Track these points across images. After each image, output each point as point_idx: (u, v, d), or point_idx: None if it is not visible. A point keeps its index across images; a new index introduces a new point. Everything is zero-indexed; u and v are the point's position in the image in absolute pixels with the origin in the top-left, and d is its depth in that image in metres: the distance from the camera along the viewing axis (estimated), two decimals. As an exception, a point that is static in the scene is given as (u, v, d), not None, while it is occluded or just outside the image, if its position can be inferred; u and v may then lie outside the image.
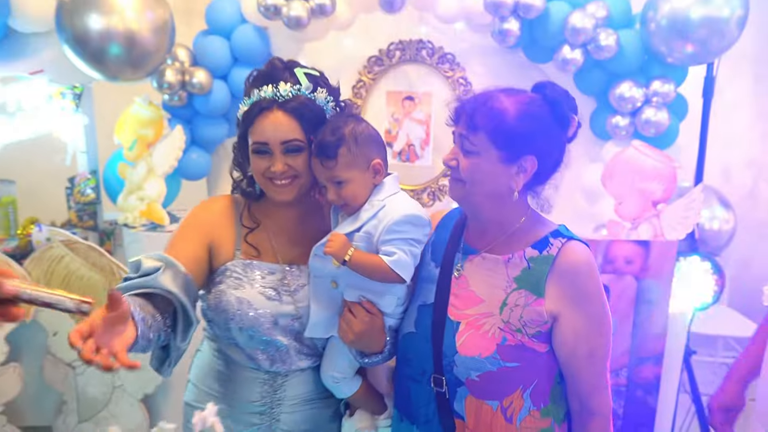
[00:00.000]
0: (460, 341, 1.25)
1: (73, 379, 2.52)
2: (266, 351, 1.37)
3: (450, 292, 1.30)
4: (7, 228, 2.81)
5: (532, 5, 2.13)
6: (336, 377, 1.38)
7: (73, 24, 1.98)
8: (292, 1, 2.20)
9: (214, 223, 1.38)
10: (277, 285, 1.35)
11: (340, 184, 1.28)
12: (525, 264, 1.25)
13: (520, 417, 1.26)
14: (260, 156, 1.31)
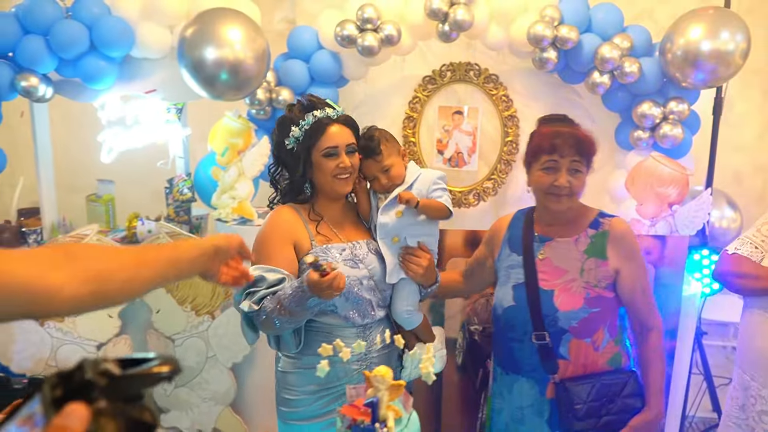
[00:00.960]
0: (558, 302, 1.80)
1: (172, 350, 2.90)
2: (357, 308, 1.79)
3: (536, 271, 1.84)
4: (107, 222, 3.25)
5: (568, 38, 2.52)
6: (410, 310, 1.85)
7: (192, 54, 2.41)
8: (366, 32, 2.62)
9: (290, 228, 1.79)
10: (351, 257, 1.79)
11: (388, 171, 1.81)
12: (589, 240, 1.84)
13: (602, 346, 1.79)
14: (331, 158, 1.76)
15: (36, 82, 2.57)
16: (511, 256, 1.93)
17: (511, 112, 2.93)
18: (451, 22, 2.58)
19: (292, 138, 1.77)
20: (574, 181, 1.80)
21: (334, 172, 1.77)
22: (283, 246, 1.76)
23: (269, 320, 1.64)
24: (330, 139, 1.76)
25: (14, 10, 2.55)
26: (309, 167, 1.79)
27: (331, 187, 1.80)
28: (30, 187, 3.43)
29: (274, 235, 1.78)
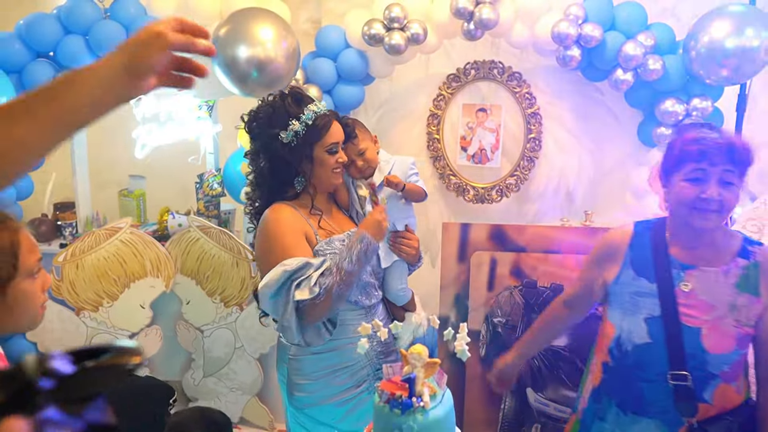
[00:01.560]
0: (707, 343, 1.56)
1: (201, 341, 3.01)
2: (365, 292, 1.90)
3: (677, 303, 1.59)
4: (138, 216, 3.35)
5: (592, 36, 2.56)
6: (403, 287, 1.98)
7: (225, 53, 2.49)
8: (392, 31, 2.68)
9: (297, 223, 1.80)
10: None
11: (363, 154, 1.95)
12: (740, 272, 1.59)
13: (740, 387, 1.65)
14: (333, 154, 1.85)
15: (75, 80, 2.66)
16: (638, 282, 1.67)
17: (534, 109, 2.97)
18: (477, 21, 2.63)
19: (290, 132, 1.76)
20: (726, 195, 1.53)
21: (334, 167, 1.85)
22: (300, 239, 1.77)
23: (328, 298, 1.67)
24: (334, 136, 1.84)
25: (55, 11, 2.66)
26: (308, 162, 1.81)
27: (329, 181, 1.88)
28: (62, 182, 3.55)
29: (288, 230, 1.76)
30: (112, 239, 2.85)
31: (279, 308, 1.71)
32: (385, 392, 1.15)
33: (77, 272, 2.84)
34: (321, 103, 1.90)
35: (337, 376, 1.88)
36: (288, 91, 1.89)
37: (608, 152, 3.02)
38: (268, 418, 3.03)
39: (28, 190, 2.91)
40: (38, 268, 1.28)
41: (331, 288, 1.67)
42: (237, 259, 2.90)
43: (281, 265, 1.68)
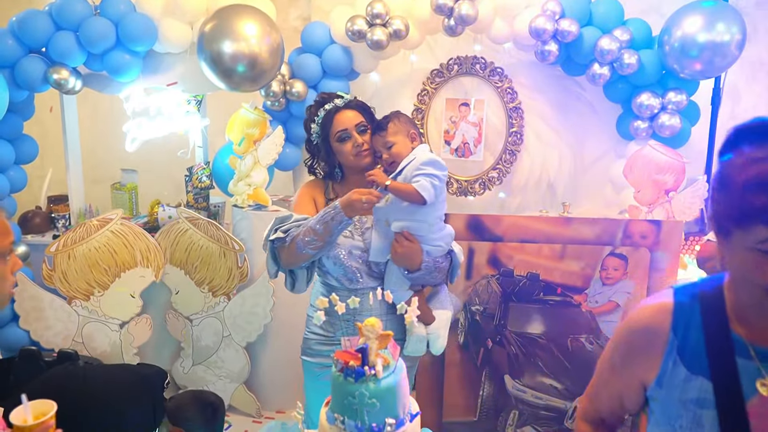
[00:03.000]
0: None
1: (190, 330, 3.07)
2: (346, 274, 1.96)
3: (748, 415, 1.02)
4: (130, 209, 3.43)
5: (569, 31, 2.62)
6: (392, 289, 1.90)
7: (210, 48, 2.56)
8: (375, 27, 2.75)
9: (315, 192, 2.07)
10: (352, 228, 1.95)
11: (390, 147, 1.92)
12: None
13: None
14: (344, 141, 1.95)
15: (66, 74, 2.75)
16: (695, 382, 1.08)
17: (515, 103, 3.03)
18: (457, 17, 2.70)
19: (314, 134, 2.02)
20: None
21: (353, 151, 1.96)
22: (308, 202, 2.05)
23: (292, 245, 1.87)
24: (339, 124, 1.96)
25: (47, 8, 2.74)
26: (331, 153, 2.01)
27: (353, 163, 1.99)
28: (58, 177, 3.63)
29: (302, 196, 2.07)
30: (103, 230, 2.92)
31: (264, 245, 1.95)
32: (340, 361, 1.22)
33: (69, 262, 2.91)
34: (342, 99, 2.00)
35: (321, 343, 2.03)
36: (318, 97, 2.05)
37: (588, 145, 3.08)
38: (255, 406, 3.10)
39: (21, 183, 2.98)
40: (9, 250, 1.33)
41: (296, 237, 1.87)
42: (224, 249, 2.97)
43: (276, 216, 1.95)
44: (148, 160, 3.43)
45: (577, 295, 2.53)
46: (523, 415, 2.63)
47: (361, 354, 1.22)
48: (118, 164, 3.48)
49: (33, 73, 2.69)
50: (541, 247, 2.50)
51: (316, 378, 2.03)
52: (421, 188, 1.80)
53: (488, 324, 2.58)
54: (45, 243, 2.98)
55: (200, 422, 2.28)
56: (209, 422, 2.32)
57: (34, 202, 3.62)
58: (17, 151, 2.91)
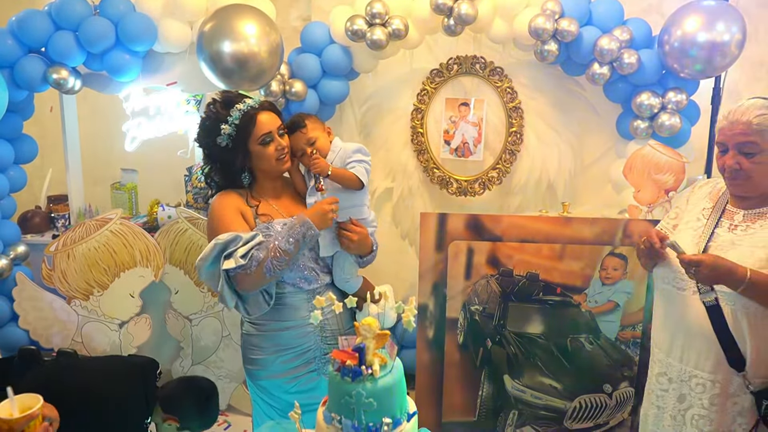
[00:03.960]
0: None
1: (189, 330, 3.08)
2: (302, 276, 1.96)
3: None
4: (130, 208, 3.44)
5: (568, 31, 2.62)
6: (347, 278, 1.96)
7: (210, 48, 2.56)
8: (374, 27, 2.75)
9: (237, 203, 1.94)
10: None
11: (313, 143, 1.97)
12: None
13: None
14: (268, 145, 1.90)
15: (66, 74, 2.75)
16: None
17: (515, 103, 3.03)
18: (456, 17, 2.69)
19: (224, 136, 1.89)
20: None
21: (275, 155, 1.92)
22: (236, 215, 1.91)
23: (259, 271, 1.78)
24: (262, 127, 1.91)
25: (47, 8, 2.74)
26: (247, 157, 1.92)
27: (275, 169, 1.95)
28: (58, 177, 3.64)
29: (226, 210, 1.92)
30: (102, 230, 2.93)
31: (214, 279, 1.85)
32: (337, 361, 1.22)
33: (68, 262, 2.91)
34: (252, 99, 1.93)
35: (282, 355, 2.00)
36: (218, 96, 1.97)
37: (588, 145, 3.08)
38: (254, 406, 3.10)
39: (21, 183, 2.99)
40: None
41: (262, 261, 1.78)
42: (224, 249, 2.97)
43: (214, 240, 1.82)
44: (148, 159, 3.44)
45: (576, 294, 2.52)
46: (523, 415, 2.62)
47: (358, 353, 1.22)
48: (117, 164, 3.49)
49: (32, 72, 2.69)
50: (540, 247, 2.50)
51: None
52: (360, 174, 1.94)
53: (487, 324, 2.58)
54: (44, 243, 2.99)
55: (193, 409, 2.27)
56: (202, 408, 2.30)
57: (34, 202, 3.62)
58: (17, 151, 2.91)
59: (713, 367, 1.74)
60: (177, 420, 2.27)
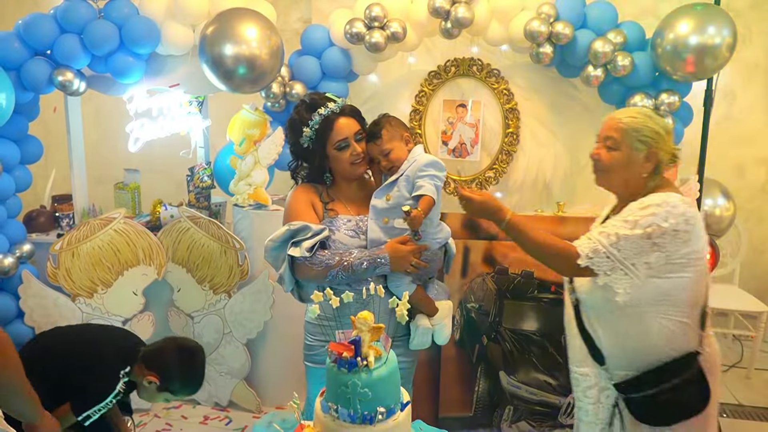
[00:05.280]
0: None
1: (191, 327, 3.14)
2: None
3: None
4: (133, 208, 3.48)
5: (563, 34, 2.67)
6: (397, 282, 1.94)
7: (212, 51, 2.61)
8: (373, 30, 2.80)
9: (312, 199, 1.99)
10: (355, 228, 1.95)
11: (387, 154, 1.96)
12: None
13: None
14: (343, 150, 1.93)
15: (71, 76, 2.80)
16: None
17: (512, 105, 3.08)
18: (453, 20, 2.74)
19: (305, 138, 1.95)
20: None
21: (350, 160, 1.95)
22: (307, 207, 1.97)
23: (323, 272, 1.84)
24: (339, 133, 1.93)
25: (52, 11, 2.79)
26: (325, 160, 1.98)
27: (350, 173, 1.99)
28: (62, 177, 3.69)
29: (299, 201, 1.99)
30: (106, 229, 2.98)
31: (278, 261, 1.91)
32: (334, 352, 1.27)
33: (73, 260, 2.97)
34: (335, 103, 1.96)
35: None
36: (304, 97, 2.03)
37: (583, 146, 3.11)
38: (255, 401, 3.15)
39: (26, 183, 3.04)
40: None
41: (329, 267, 1.85)
42: (225, 248, 3.03)
43: (287, 225, 1.90)
44: (151, 160, 3.48)
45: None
46: (518, 410, 2.67)
47: (354, 346, 1.27)
48: (121, 164, 3.54)
49: (38, 75, 2.75)
50: (535, 246, 2.54)
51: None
52: (429, 192, 1.88)
53: (483, 321, 2.63)
54: (49, 241, 3.04)
55: (176, 367, 2.17)
56: (186, 367, 2.20)
57: (39, 202, 3.68)
58: (22, 151, 2.96)
59: (580, 362, 1.85)
60: (157, 377, 2.13)
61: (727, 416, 3.14)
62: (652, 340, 1.70)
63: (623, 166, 1.74)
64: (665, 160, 1.73)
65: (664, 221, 1.60)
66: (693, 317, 1.71)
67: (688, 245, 1.63)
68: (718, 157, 3.79)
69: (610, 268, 1.65)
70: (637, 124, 1.72)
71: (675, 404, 1.69)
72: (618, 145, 1.74)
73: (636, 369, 1.74)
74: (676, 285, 1.65)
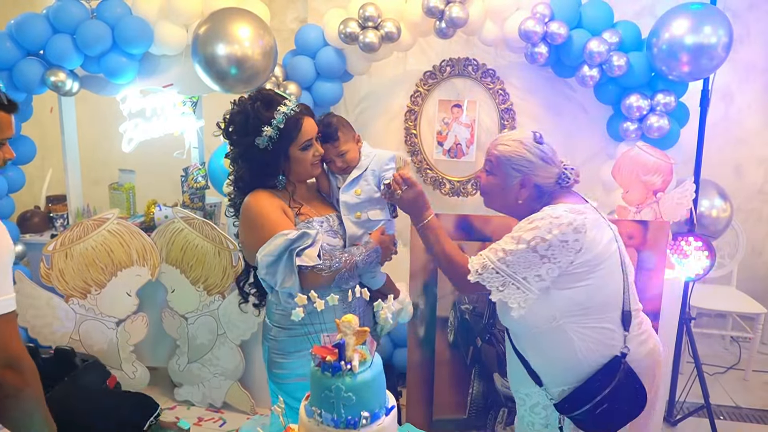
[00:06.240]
0: None
1: (186, 328, 3.11)
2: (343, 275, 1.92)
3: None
4: (128, 208, 3.48)
5: (558, 34, 2.65)
6: (371, 274, 1.97)
7: (204, 51, 2.60)
8: (367, 30, 2.78)
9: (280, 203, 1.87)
10: (330, 228, 1.93)
11: (344, 155, 1.97)
12: None
13: None
14: (307, 150, 1.87)
15: (64, 77, 2.79)
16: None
17: (507, 105, 3.06)
18: (447, 20, 2.73)
19: (265, 138, 1.81)
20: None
21: (312, 161, 1.91)
22: (281, 214, 1.85)
23: (332, 276, 1.81)
24: (306, 134, 1.87)
25: (45, 11, 2.78)
26: (286, 161, 1.88)
27: (308, 173, 1.95)
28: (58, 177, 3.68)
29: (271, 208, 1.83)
30: (99, 229, 2.97)
31: (277, 275, 1.77)
32: (317, 356, 1.26)
33: (66, 261, 2.96)
34: (291, 100, 1.89)
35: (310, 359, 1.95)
36: (258, 94, 1.91)
37: (579, 146, 3.11)
38: (249, 403, 3.13)
39: (19, 183, 3.03)
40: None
41: (337, 271, 1.82)
42: (219, 248, 3.01)
43: (281, 235, 1.75)
44: (146, 160, 3.48)
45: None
46: (512, 412, 2.65)
47: (338, 349, 1.25)
48: (116, 165, 3.53)
49: (31, 75, 2.74)
50: (529, 247, 2.52)
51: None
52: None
53: (477, 323, 2.61)
54: (43, 242, 3.04)
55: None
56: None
57: (34, 202, 3.67)
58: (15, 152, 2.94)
59: (521, 383, 1.85)
60: None
61: (724, 418, 3.12)
62: (577, 353, 1.68)
63: (500, 191, 1.77)
64: (549, 184, 1.74)
65: (548, 233, 1.60)
66: (613, 320, 1.69)
67: (583, 253, 1.62)
68: (715, 158, 3.78)
69: (502, 284, 1.66)
70: (510, 152, 1.73)
71: (613, 412, 1.68)
72: (494, 170, 1.78)
73: (570, 383, 1.72)
74: (584, 293, 1.65)
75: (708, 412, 2.87)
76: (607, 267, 1.67)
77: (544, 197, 1.75)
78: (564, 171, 1.77)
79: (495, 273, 1.66)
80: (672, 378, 2.97)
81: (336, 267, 1.81)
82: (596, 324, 1.67)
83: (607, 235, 1.69)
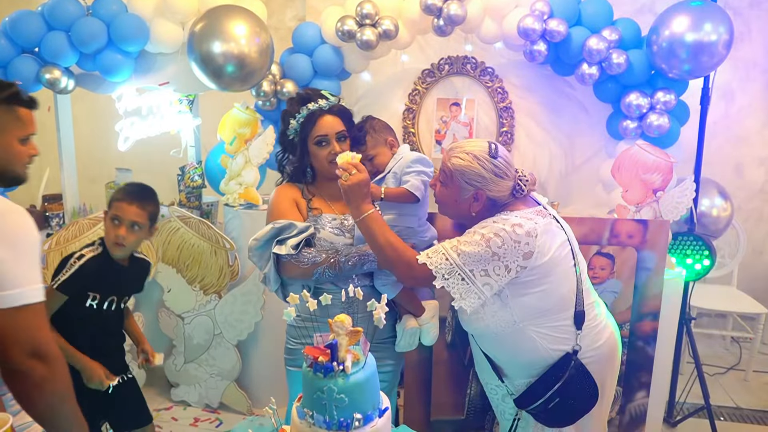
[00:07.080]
0: None
1: (182, 328, 3.10)
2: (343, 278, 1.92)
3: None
4: (125, 208, 3.44)
5: (557, 31, 2.62)
6: (384, 281, 1.92)
7: (200, 48, 2.58)
8: (364, 27, 2.76)
9: (294, 195, 1.98)
10: (339, 226, 1.93)
11: (372, 159, 1.96)
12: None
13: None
14: (322, 146, 1.91)
15: (59, 74, 2.77)
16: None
17: (506, 103, 3.04)
18: (445, 17, 2.70)
19: (292, 129, 1.95)
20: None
21: (328, 158, 1.93)
22: (291, 206, 1.96)
23: (310, 270, 1.82)
24: (320, 129, 1.92)
25: (40, 8, 2.76)
26: (306, 154, 1.97)
27: (326, 170, 1.96)
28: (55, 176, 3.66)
29: (284, 200, 1.98)
30: (94, 228, 2.95)
31: (263, 260, 1.89)
32: (310, 357, 1.23)
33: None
34: (327, 101, 1.94)
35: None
36: (300, 91, 2.02)
37: (579, 145, 3.08)
38: (246, 403, 3.11)
39: (15, 181, 3.00)
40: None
41: (316, 265, 1.83)
42: (215, 248, 2.99)
43: (271, 223, 1.87)
44: (143, 159, 3.46)
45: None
46: (511, 413, 2.63)
47: (331, 350, 1.23)
48: (113, 163, 3.51)
49: (25, 72, 2.72)
50: (528, 247, 2.50)
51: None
52: (413, 188, 1.88)
53: (475, 323, 2.59)
54: (38, 241, 3.00)
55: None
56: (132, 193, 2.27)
57: (31, 201, 3.65)
58: (11, 151, 2.93)
59: (490, 376, 1.91)
60: None
61: (724, 419, 3.10)
62: (540, 349, 1.74)
63: (453, 202, 1.78)
64: (502, 197, 1.73)
65: (503, 231, 1.63)
66: (567, 319, 1.74)
67: (535, 259, 1.64)
68: (716, 157, 3.75)
69: (449, 272, 1.65)
70: (463, 167, 1.72)
71: (566, 406, 1.75)
72: (447, 182, 1.77)
73: (533, 376, 1.78)
74: (540, 298, 1.69)
75: (708, 413, 2.85)
76: (560, 271, 1.71)
77: (498, 208, 1.76)
78: (518, 182, 1.76)
79: (444, 259, 1.66)
80: (672, 378, 2.95)
81: (314, 261, 1.83)
82: (554, 323, 1.73)
83: (559, 239, 1.72)
